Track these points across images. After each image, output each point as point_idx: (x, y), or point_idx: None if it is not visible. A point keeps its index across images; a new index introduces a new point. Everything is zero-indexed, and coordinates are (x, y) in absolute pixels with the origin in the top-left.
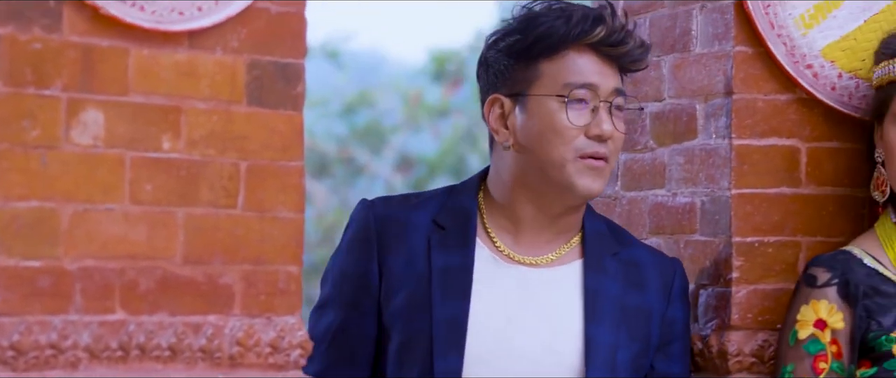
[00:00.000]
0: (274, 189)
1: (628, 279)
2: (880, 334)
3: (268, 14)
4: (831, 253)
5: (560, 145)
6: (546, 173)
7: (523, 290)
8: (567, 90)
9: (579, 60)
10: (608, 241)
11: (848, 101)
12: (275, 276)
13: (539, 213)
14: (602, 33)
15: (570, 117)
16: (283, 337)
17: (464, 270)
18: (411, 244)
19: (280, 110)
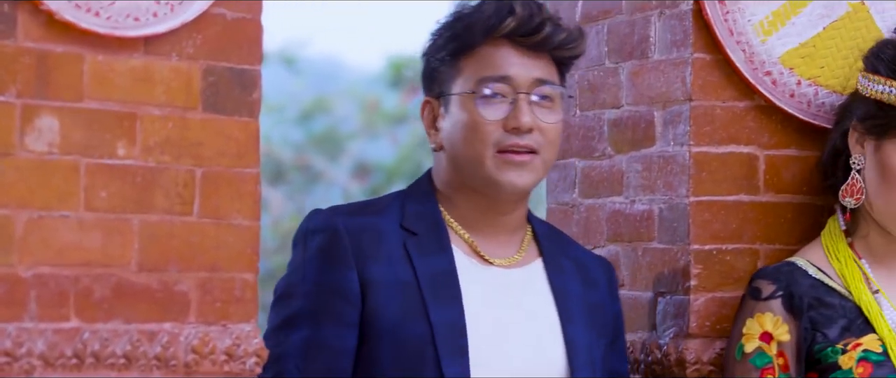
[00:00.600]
0: (229, 196)
1: (583, 278)
2: (826, 346)
3: (224, 20)
4: (776, 265)
5: (477, 142)
6: (471, 172)
7: (503, 291)
8: (482, 86)
9: (495, 54)
10: (556, 240)
11: (806, 109)
12: (230, 283)
13: (485, 213)
14: (513, 24)
15: (485, 112)
16: (238, 345)
17: (450, 275)
18: (389, 251)
19: (236, 117)
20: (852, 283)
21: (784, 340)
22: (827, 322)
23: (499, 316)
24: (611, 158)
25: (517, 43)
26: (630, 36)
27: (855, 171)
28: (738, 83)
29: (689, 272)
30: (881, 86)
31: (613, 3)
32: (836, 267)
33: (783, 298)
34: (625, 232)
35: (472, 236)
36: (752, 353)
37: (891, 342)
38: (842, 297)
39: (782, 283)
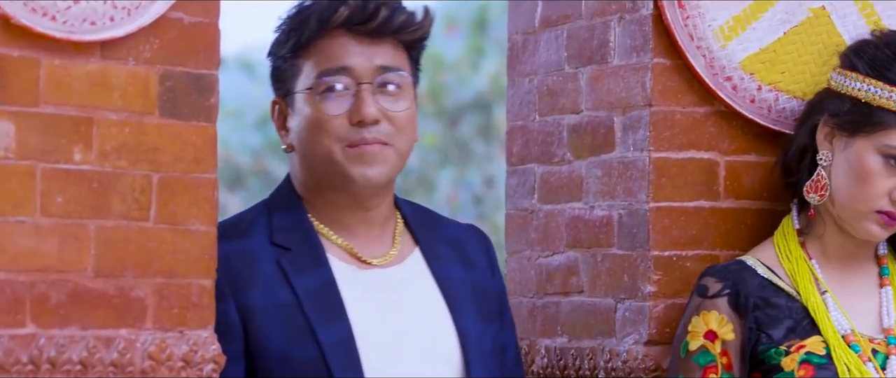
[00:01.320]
0: (186, 202)
1: (462, 259)
2: (770, 347)
3: (181, 24)
4: (725, 263)
5: (324, 139)
6: (324, 170)
7: (388, 293)
8: (319, 80)
9: (333, 45)
10: (427, 223)
11: (767, 114)
12: (187, 289)
13: (351, 211)
14: (346, 12)
15: (328, 107)
16: (195, 351)
17: (330, 288)
18: (263, 273)
19: (193, 122)
20: (801, 284)
21: (729, 339)
22: (772, 322)
23: (387, 320)
24: (570, 164)
25: (354, 32)
26: (589, 41)
27: (821, 167)
28: (699, 88)
29: (648, 278)
30: (858, 83)
31: (573, 8)
32: (787, 267)
33: (729, 297)
34: (584, 238)
35: (346, 238)
36: (696, 351)
37: (834, 344)
38: (789, 297)
39: (729, 281)
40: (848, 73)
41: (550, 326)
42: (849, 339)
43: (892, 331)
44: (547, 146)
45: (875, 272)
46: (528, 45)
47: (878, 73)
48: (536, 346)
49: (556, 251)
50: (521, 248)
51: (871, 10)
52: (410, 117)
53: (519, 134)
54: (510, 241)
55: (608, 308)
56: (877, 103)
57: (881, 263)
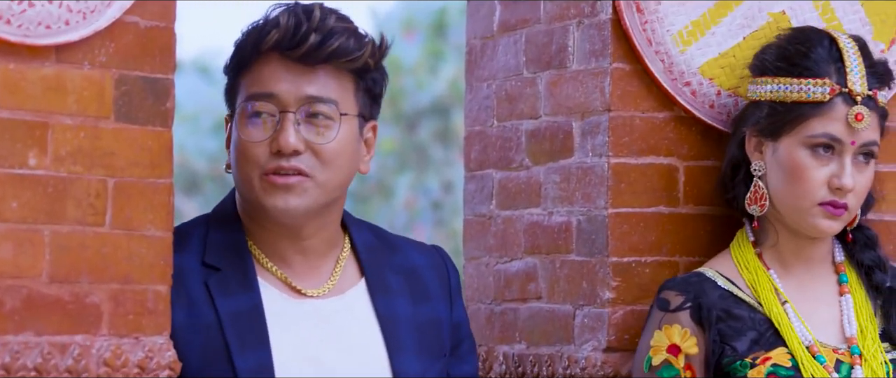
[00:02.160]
0: (142, 207)
1: (413, 292)
2: (735, 360)
3: (136, 28)
4: (684, 275)
5: (245, 164)
6: (244, 196)
7: (319, 326)
8: (245, 104)
9: (264, 69)
10: (381, 252)
11: (726, 120)
12: (143, 295)
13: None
14: (276, 36)
15: (250, 133)
16: (151, 357)
17: (255, 314)
18: (189, 293)
19: (149, 126)
20: (763, 294)
21: (692, 353)
22: (735, 335)
23: (314, 355)
24: (528, 169)
25: (287, 57)
26: (548, 45)
27: (757, 178)
28: (658, 94)
29: (607, 285)
30: (770, 86)
31: (531, 12)
32: (746, 277)
33: (691, 310)
34: (542, 244)
35: (279, 266)
36: (659, 365)
37: (800, 356)
38: (751, 308)
39: (690, 294)
40: (759, 80)
41: (508, 333)
42: (813, 350)
43: (854, 340)
44: (505, 151)
45: (834, 280)
46: (487, 49)
47: (786, 70)
48: (494, 352)
49: (514, 257)
50: (480, 254)
51: (831, 14)
52: (339, 150)
53: (477, 139)
54: (468, 247)
55: (567, 314)
56: (791, 99)
57: (839, 271)
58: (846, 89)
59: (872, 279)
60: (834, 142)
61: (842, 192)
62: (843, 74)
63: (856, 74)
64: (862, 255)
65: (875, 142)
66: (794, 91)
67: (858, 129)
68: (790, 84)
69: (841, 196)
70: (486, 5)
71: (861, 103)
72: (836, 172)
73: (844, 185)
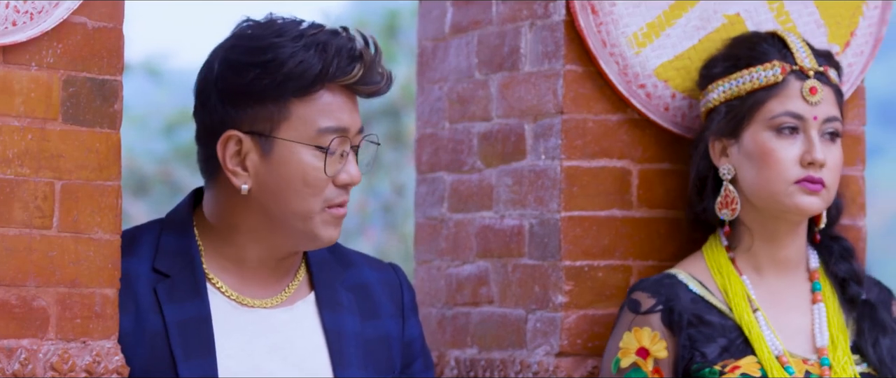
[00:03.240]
0: (90, 209)
1: (362, 309)
2: (704, 366)
3: (84, 29)
4: (656, 277)
5: (310, 197)
6: (287, 222)
7: (265, 336)
8: (322, 138)
9: (334, 101)
10: (333, 266)
11: (681, 122)
12: (90, 299)
13: (268, 256)
14: (360, 73)
15: (328, 167)
16: (99, 361)
17: (202, 323)
18: (137, 299)
19: (97, 128)
20: (734, 301)
21: (661, 357)
22: (706, 340)
23: (258, 365)
24: (480, 172)
25: (353, 90)
26: (500, 47)
27: (726, 182)
28: (611, 96)
29: (560, 289)
30: (722, 87)
31: (483, 14)
32: (719, 281)
33: (663, 313)
34: (494, 247)
35: (231, 276)
36: (627, 368)
37: (769, 366)
38: (722, 315)
39: (662, 297)
40: (709, 87)
41: (460, 337)
42: (782, 360)
43: (825, 351)
44: (457, 154)
45: (807, 288)
46: (438, 51)
47: (734, 67)
48: (446, 357)
49: (466, 261)
50: (431, 258)
51: (786, 17)
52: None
53: (428, 142)
54: (420, 251)
55: (519, 319)
56: (745, 89)
57: (813, 278)
58: (797, 66)
59: (847, 292)
60: (796, 119)
61: (815, 166)
62: (790, 56)
63: (803, 53)
64: (837, 266)
65: (837, 118)
66: (746, 81)
67: (815, 102)
68: (741, 77)
69: (815, 170)
70: (437, 6)
71: (814, 77)
72: (806, 148)
73: (816, 159)
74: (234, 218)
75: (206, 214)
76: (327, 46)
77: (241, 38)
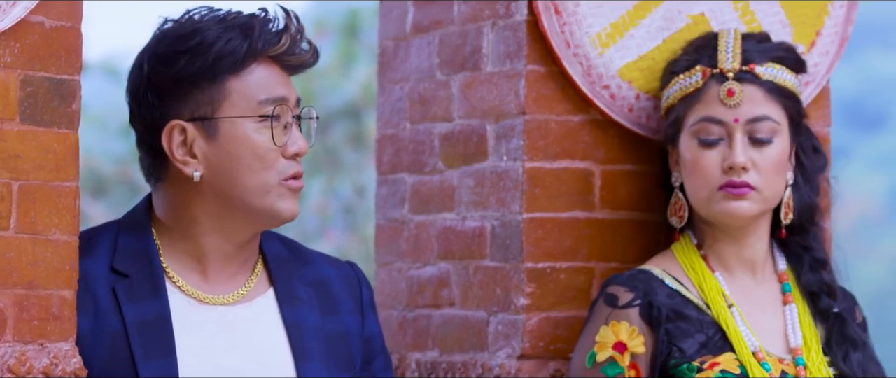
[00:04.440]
0: (47, 210)
1: (322, 304)
2: (682, 362)
3: (42, 28)
4: (630, 271)
5: (262, 170)
6: (245, 201)
7: (226, 333)
8: (263, 109)
9: (268, 73)
10: (291, 263)
11: (645, 123)
12: (48, 300)
13: (225, 243)
14: (287, 43)
15: (275, 138)
16: (56, 364)
17: (162, 322)
18: (95, 299)
19: (54, 128)
20: (711, 296)
21: (638, 352)
22: (683, 336)
23: (219, 363)
24: (442, 173)
25: (283, 62)
26: (462, 47)
27: (676, 189)
28: (574, 96)
29: (522, 291)
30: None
31: (445, 13)
32: (693, 277)
33: (641, 308)
34: (456, 249)
35: (190, 273)
36: (604, 362)
37: (748, 363)
38: (700, 310)
39: (640, 291)
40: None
41: (421, 340)
42: (758, 356)
43: (799, 351)
44: (418, 155)
45: (777, 289)
46: (399, 51)
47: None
48: (407, 360)
49: (427, 263)
50: (392, 260)
51: (751, 17)
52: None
53: (389, 142)
54: (380, 253)
55: (480, 321)
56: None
57: (782, 280)
58: (717, 70)
59: (818, 304)
60: (716, 123)
61: (735, 170)
62: (714, 58)
63: (727, 54)
64: (808, 277)
65: (766, 116)
66: (675, 91)
67: (733, 104)
68: (672, 86)
69: (736, 175)
70: (398, 6)
71: (733, 79)
72: (726, 154)
73: (734, 163)
74: (191, 210)
75: (159, 216)
76: (251, 24)
77: (164, 33)
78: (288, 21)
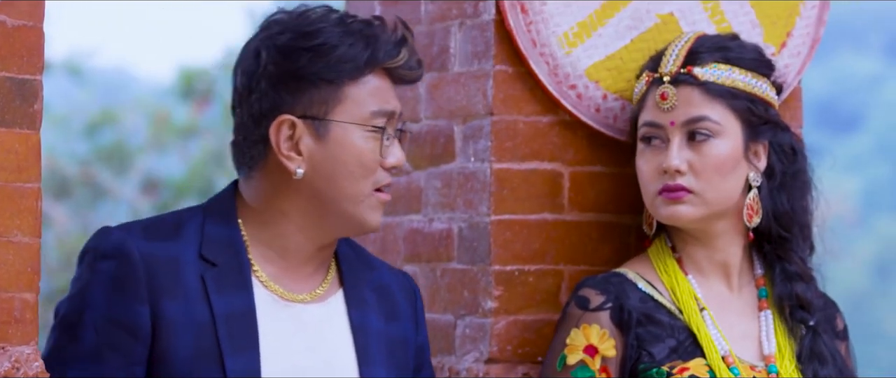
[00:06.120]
0: (9, 212)
1: (384, 309)
2: (651, 367)
3: (3, 28)
4: (604, 274)
5: (362, 179)
6: (339, 206)
7: (302, 332)
8: (376, 118)
9: (382, 84)
10: (359, 266)
11: (613, 124)
12: (9, 303)
13: (308, 243)
14: (405, 57)
15: (382, 148)
16: (18, 368)
17: (248, 316)
18: (185, 285)
19: (16, 129)
20: (683, 300)
21: (609, 356)
22: (654, 340)
23: (296, 362)
24: (408, 175)
25: (395, 75)
26: (429, 47)
27: None
28: (542, 97)
29: (489, 294)
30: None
31: (412, 13)
32: (666, 281)
33: (612, 311)
34: (423, 252)
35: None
36: (574, 365)
37: (717, 367)
38: (671, 315)
39: (611, 294)
40: None
41: None
42: (728, 361)
43: (772, 359)
44: None
45: (754, 294)
46: None
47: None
48: None
49: (394, 265)
50: None
51: (721, 17)
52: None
53: None
54: None
55: (448, 324)
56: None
57: (759, 285)
58: (657, 74)
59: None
60: (653, 127)
61: (669, 174)
62: (659, 62)
63: (671, 57)
64: (780, 289)
65: (703, 117)
66: (635, 96)
67: (668, 107)
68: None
69: (670, 178)
70: (365, 6)
71: (669, 82)
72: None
73: (668, 166)
74: (282, 203)
75: (250, 203)
76: (372, 32)
77: (283, 25)
78: (405, 34)
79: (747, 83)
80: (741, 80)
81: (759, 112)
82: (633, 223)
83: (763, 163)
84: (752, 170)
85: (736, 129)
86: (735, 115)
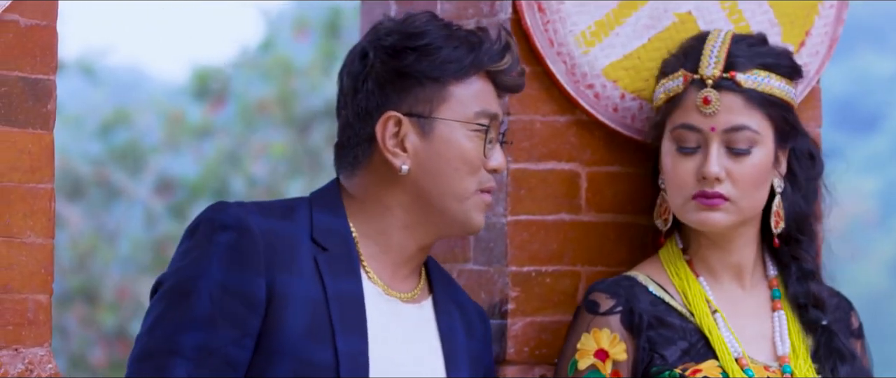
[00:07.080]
0: (22, 213)
1: (464, 325)
2: (663, 369)
3: (16, 27)
4: (614, 278)
5: (467, 176)
6: (444, 204)
7: (400, 327)
8: (480, 119)
9: (485, 88)
10: (444, 280)
11: (630, 124)
12: (23, 305)
13: (409, 242)
14: (508, 63)
15: (485, 149)
16: (31, 370)
17: (357, 301)
18: (300, 263)
19: (29, 129)
20: (694, 303)
21: (620, 359)
22: (666, 343)
23: (394, 353)
24: None
25: (498, 80)
26: None
27: (662, 192)
28: (559, 97)
29: (506, 295)
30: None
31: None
32: (677, 283)
33: (622, 315)
34: (439, 252)
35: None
36: (585, 370)
37: (730, 369)
38: (683, 317)
39: (622, 298)
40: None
41: None
42: (741, 363)
43: (786, 359)
44: None
45: (767, 295)
46: None
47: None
48: None
49: None
50: None
51: (739, 16)
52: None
53: None
54: None
55: None
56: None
57: (772, 286)
58: (698, 76)
59: (806, 316)
60: (692, 131)
61: (708, 181)
62: (697, 62)
63: (711, 59)
64: (795, 288)
65: (744, 126)
66: (661, 93)
67: (710, 112)
68: (658, 88)
69: (709, 185)
70: (380, 5)
71: (712, 86)
72: (702, 163)
73: (707, 173)
74: (387, 200)
75: (356, 197)
76: (477, 37)
77: (389, 29)
78: (509, 41)
79: (782, 90)
80: (778, 87)
81: (791, 120)
82: (651, 224)
83: (784, 167)
84: (776, 175)
85: (770, 138)
86: (770, 123)
